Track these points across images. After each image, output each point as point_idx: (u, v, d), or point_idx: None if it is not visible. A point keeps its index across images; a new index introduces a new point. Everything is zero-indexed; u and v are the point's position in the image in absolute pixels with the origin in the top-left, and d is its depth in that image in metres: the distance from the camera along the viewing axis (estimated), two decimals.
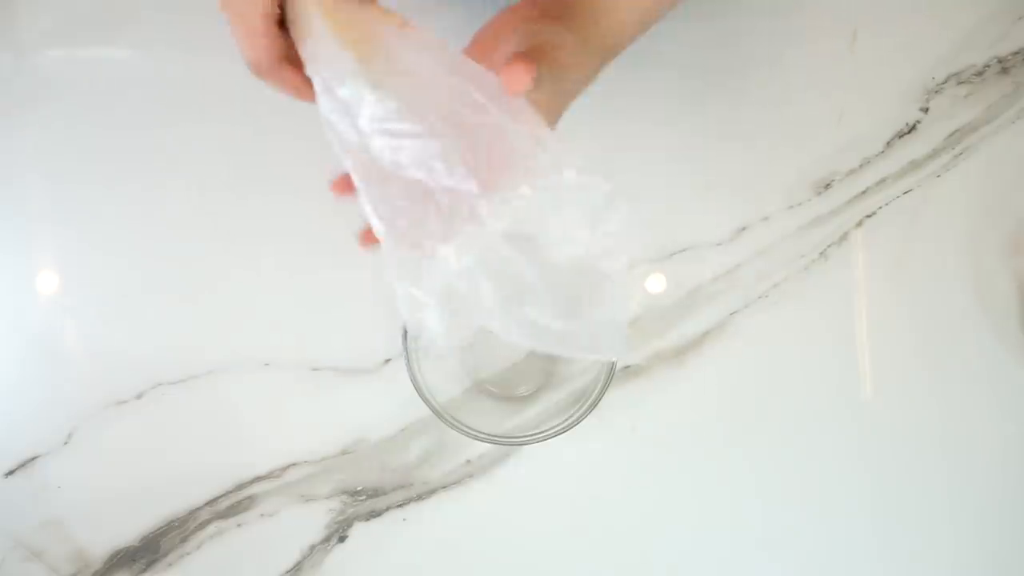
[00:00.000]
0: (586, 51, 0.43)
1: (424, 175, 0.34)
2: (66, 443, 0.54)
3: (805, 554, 0.54)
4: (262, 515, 0.54)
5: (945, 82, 0.60)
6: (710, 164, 0.59)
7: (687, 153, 0.59)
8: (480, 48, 0.44)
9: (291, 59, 0.37)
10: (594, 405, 0.50)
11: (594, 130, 0.59)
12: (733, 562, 0.54)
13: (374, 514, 0.54)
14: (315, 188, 0.46)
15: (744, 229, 0.58)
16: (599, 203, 0.33)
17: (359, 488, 0.54)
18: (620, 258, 0.33)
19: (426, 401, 0.50)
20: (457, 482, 0.54)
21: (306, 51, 0.36)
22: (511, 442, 0.51)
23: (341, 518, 0.54)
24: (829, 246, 0.58)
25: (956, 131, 0.59)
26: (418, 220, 0.33)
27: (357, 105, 0.35)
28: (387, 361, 0.56)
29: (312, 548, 0.53)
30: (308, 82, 0.37)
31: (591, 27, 0.43)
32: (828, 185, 0.59)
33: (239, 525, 0.53)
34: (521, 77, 0.34)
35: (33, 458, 0.54)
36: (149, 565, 0.53)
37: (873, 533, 0.55)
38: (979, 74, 0.60)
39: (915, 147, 0.59)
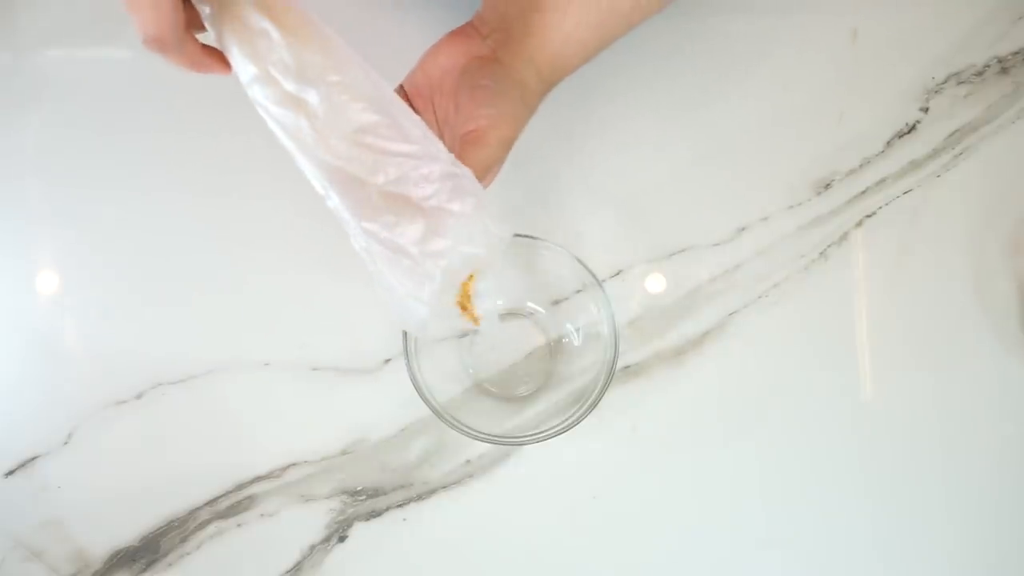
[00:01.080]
0: (526, 98, 0.43)
1: (412, 191, 0.37)
2: (66, 443, 0.54)
3: (805, 554, 0.54)
4: (262, 515, 0.54)
5: (945, 82, 0.60)
6: (710, 164, 0.59)
7: (687, 153, 0.59)
8: (426, 81, 0.45)
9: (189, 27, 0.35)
10: (594, 405, 0.50)
11: (593, 131, 0.59)
12: (733, 562, 0.54)
13: (374, 514, 0.54)
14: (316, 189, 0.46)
15: (744, 229, 0.58)
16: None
17: (359, 488, 0.54)
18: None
19: (426, 401, 0.50)
20: (457, 482, 0.54)
21: (233, 33, 0.35)
22: (511, 442, 0.51)
23: (341, 518, 0.54)
24: (829, 246, 0.58)
25: (956, 131, 0.59)
26: (402, 230, 0.37)
27: (323, 106, 0.36)
28: (387, 361, 0.56)
29: (312, 548, 0.53)
30: (209, 52, 0.36)
31: (532, 63, 0.43)
32: (828, 185, 0.59)
33: (239, 525, 0.53)
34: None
35: (33, 458, 0.54)
36: (149, 565, 0.53)
37: (873, 533, 0.55)
38: (979, 74, 0.60)
39: (915, 147, 0.59)
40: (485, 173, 0.40)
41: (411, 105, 0.45)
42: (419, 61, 0.45)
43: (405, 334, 0.51)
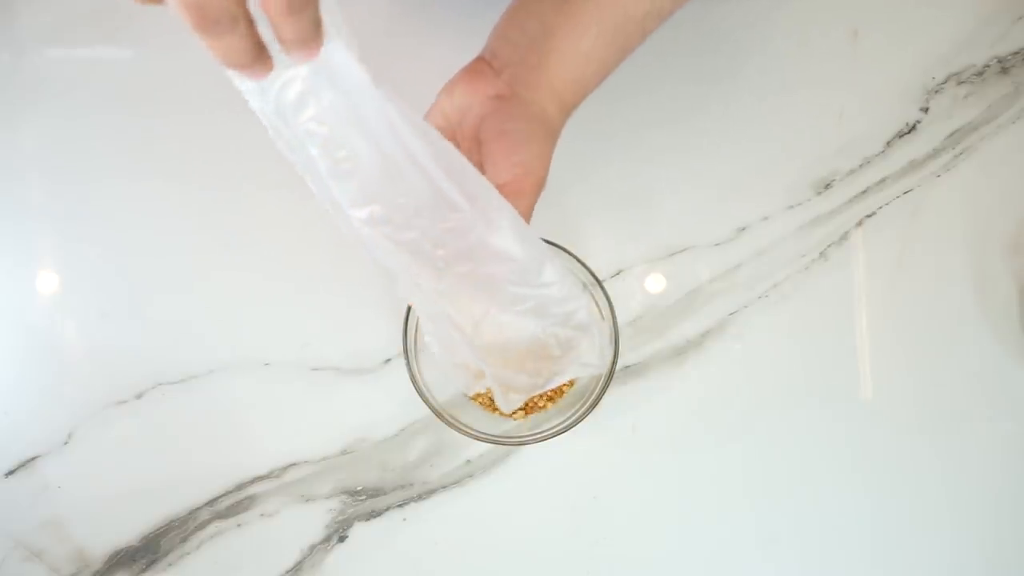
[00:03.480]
0: (550, 132, 0.42)
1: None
2: (66, 443, 0.54)
3: (805, 553, 0.54)
4: (262, 515, 0.54)
5: (945, 82, 0.60)
6: (710, 164, 0.59)
7: (687, 153, 0.59)
8: (445, 122, 0.44)
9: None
10: (594, 405, 0.50)
11: (593, 131, 0.59)
12: (734, 561, 0.54)
13: (374, 514, 0.54)
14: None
15: (744, 229, 0.58)
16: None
17: (359, 488, 0.54)
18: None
19: (426, 401, 0.50)
20: (457, 482, 0.54)
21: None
22: (511, 442, 0.51)
23: (341, 518, 0.54)
24: (829, 246, 0.58)
25: (956, 131, 0.59)
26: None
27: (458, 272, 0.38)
28: (387, 361, 0.56)
29: (312, 548, 0.53)
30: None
31: (553, 91, 0.42)
32: (828, 185, 0.59)
33: (239, 525, 0.53)
34: None
35: (33, 458, 0.54)
36: (149, 565, 0.53)
37: (872, 532, 0.55)
38: (979, 74, 0.60)
39: (915, 147, 0.59)
40: (529, 216, 0.40)
41: None
42: (435, 100, 0.44)
43: (405, 334, 0.51)
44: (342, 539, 0.54)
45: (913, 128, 0.60)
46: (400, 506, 0.54)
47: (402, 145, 0.34)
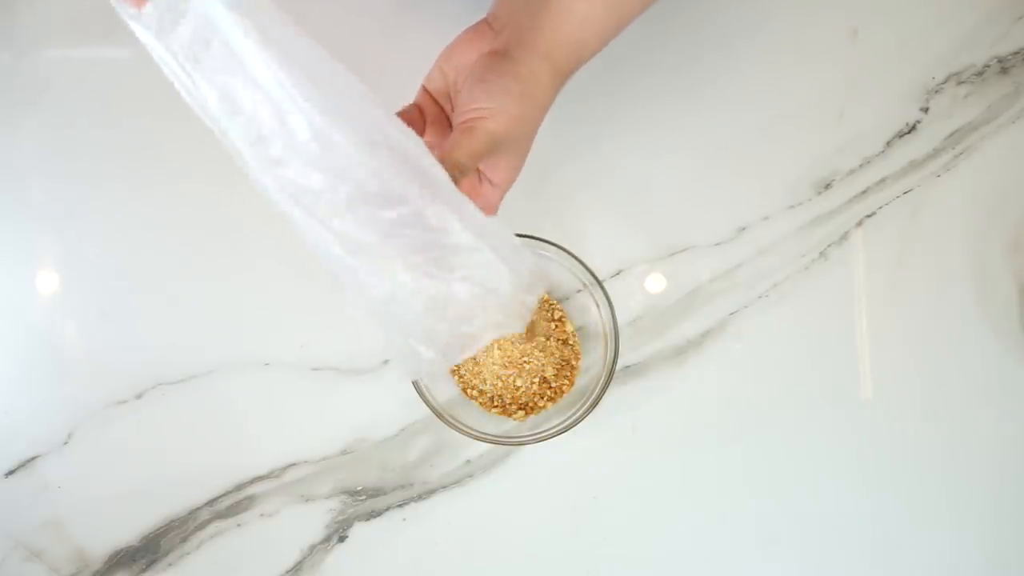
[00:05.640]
0: (532, 94, 0.42)
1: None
2: (66, 443, 0.54)
3: (805, 553, 0.54)
4: (262, 515, 0.54)
5: (945, 82, 0.60)
6: (710, 164, 0.59)
7: (687, 153, 0.59)
8: (443, 80, 0.44)
9: None
10: (594, 405, 0.50)
11: (594, 131, 0.59)
12: (734, 561, 0.54)
13: (374, 514, 0.54)
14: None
15: (744, 229, 0.58)
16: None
17: (359, 488, 0.54)
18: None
19: (426, 401, 0.50)
20: (457, 482, 0.54)
21: None
22: (511, 442, 0.51)
23: (341, 518, 0.54)
24: (829, 246, 0.58)
25: (956, 131, 0.59)
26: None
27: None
28: (387, 361, 0.56)
29: (312, 548, 0.53)
30: None
31: (547, 55, 0.42)
32: (828, 185, 0.59)
33: (239, 525, 0.53)
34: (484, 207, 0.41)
35: (33, 458, 0.54)
36: (149, 565, 0.53)
37: (873, 532, 0.55)
38: (979, 74, 0.60)
39: (915, 147, 0.59)
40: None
41: (433, 105, 0.45)
42: (436, 60, 0.44)
43: None
44: (342, 539, 0.54)
45: (913, 128, 0.60)
46: (400, 506, 0.54)
47: (286, 93, 0.33)
